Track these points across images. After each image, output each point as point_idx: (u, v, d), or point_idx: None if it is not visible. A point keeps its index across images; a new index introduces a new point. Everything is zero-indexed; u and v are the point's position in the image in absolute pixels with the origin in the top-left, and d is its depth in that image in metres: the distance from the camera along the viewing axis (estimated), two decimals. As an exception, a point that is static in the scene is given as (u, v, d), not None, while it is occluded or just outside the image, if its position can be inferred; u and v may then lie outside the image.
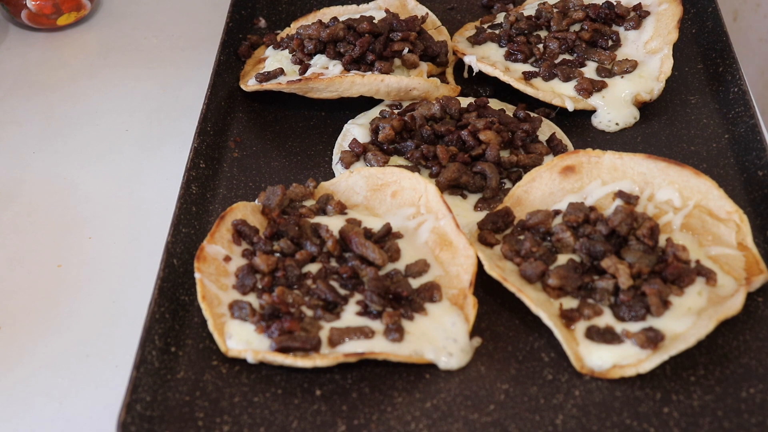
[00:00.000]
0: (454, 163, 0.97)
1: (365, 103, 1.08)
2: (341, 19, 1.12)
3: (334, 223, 0.91)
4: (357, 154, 1.00)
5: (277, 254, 0.88)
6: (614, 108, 1.06)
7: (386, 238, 0.90)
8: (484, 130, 0.99)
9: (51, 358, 0.88)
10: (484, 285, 0.87)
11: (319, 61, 1.09)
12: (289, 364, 0.80)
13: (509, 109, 1.07)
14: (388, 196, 0.95)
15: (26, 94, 1.21)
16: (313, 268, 0.87)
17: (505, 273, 0.86)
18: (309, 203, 0.95)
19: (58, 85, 1.22)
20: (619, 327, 0.82)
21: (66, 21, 1.30)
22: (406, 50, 1.09)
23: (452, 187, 0.96)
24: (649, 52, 1.11)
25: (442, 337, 0.82)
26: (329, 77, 1.05)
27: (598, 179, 0.94)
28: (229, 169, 1.03)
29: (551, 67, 1.09)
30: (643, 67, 1.09)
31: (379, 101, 1.08)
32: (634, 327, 0.82)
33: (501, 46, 1.14)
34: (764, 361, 0.82)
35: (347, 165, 1.00)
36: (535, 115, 1.05)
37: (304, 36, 1.10)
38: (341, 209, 0.93)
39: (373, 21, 1.10)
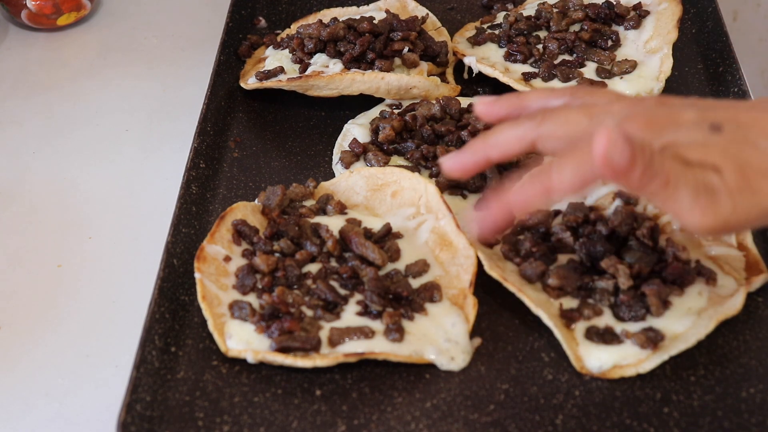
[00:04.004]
0: (454, 163, 0.97)
1: (365, 103, 1.08)
2: (341, 19, 1.13)
3: (334, 223, 0.91)
4: (357, 154, 1.01)
5: (277, 254, 0.88)
6: (614, 108, 1.06)
7: (386, 238, 0.90)
8: (484, 130, 0.99)
9: (51, 358, 0.88)
10: (484, 285, 0.87)
11: (319, 60, 1.09)
12: (289, 364, 0.80)
13: (509, 109, 1.07)
14: (388, 196, 0.95)
15: (26, 94, 1.21)
16: (313, 268, 0.87)
17: (505, 273, 0.86)
18: (309, 203, 0.95)
19: (58, 85, 1.22)
20: (618, 327, 0.82)
21: (66, 21, 1.30)
22: (406, 49, 1.09)
23: (452, 187, 0.96)
24: (649, 52, 1.11)
25: (442, 337, 0.82)
26: (330, 74, 1.05)
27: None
28: (229, 169, 1.03)
29: (551, 67, 1.09)
30: (642, 67, 1.09)
31: (379, 101, 1.09)
32: (634, 327, 0.82)
33: (501, 47, 1.14)
34: (764, 361, 0.82)
35: (347, 165, 1.00)
36: (535, 115, 1.05)
37: (305, 35, 1.10)
38: (341, 209, 0.93)
39: (374, 21, 1.10)
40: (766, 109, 0.74)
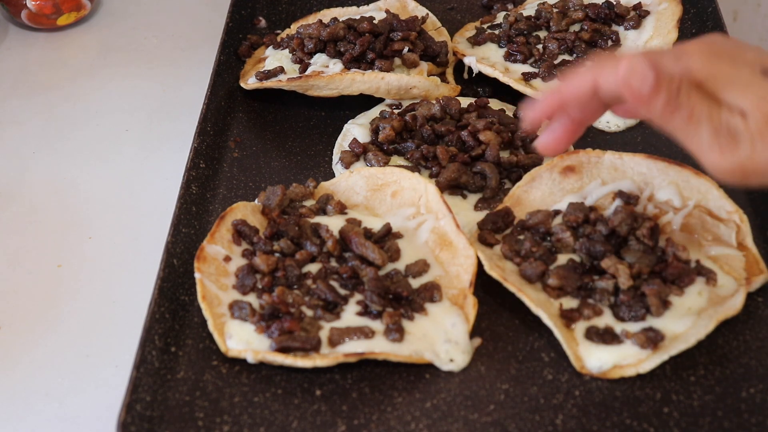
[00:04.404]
0: (454, 163, 0.97)
1: (365, 103, 1.08)
2: (341, 19, 1.13)
3: (334, 223, 0.91)
4: (357, 154, 1.01)
5: (277, 254, 0.88)
6: (614, 108, 1.06)
7: (386, 238, 0.90)
8: (484, 130, 0.99)
9: (51, 358, 0.88)
10: (484, 285, 0.87)
11: (319, 60, 1.09)
12: (289, 364, 0.80)
13: (509, 109, 1.07)
14: (388, 196, 0.95)
15: (26, 94, 1.21)
16: (313, 268, 0.87)
17: (505, 273, 0.86)
18: (309, 203, 0.95)
19: (58, 85, 1.22)
20: (618, 327, 0.82)
21: (66, 21, 1.30)
22: (406, 49, 1.09)
23: (452, 187, 0.96)
24: (649, 52, 1.11)
25: (442, 337, 0.82)
26: (330, 74, 1.05)
27: (598, 179, 0.94)
28: (229, 169, 1.03)
29: (550, 67, 1.09)
30: (643, 67, 1.09)
31: (379, 101, 1.09)
32: (634, 327, 0.82)
33: (501, 47, 1.14)
34: (764, 361, 0.82)
35: (347, 165, 1.00)
36: (535, 115, 1.05)
37: (305, 35, 1.10)
38: (341, 209, 0.93)
39: (374, 21, 1.10)
40: None
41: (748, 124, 0.70)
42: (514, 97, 1.08)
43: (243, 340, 0.82)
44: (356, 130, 1.04)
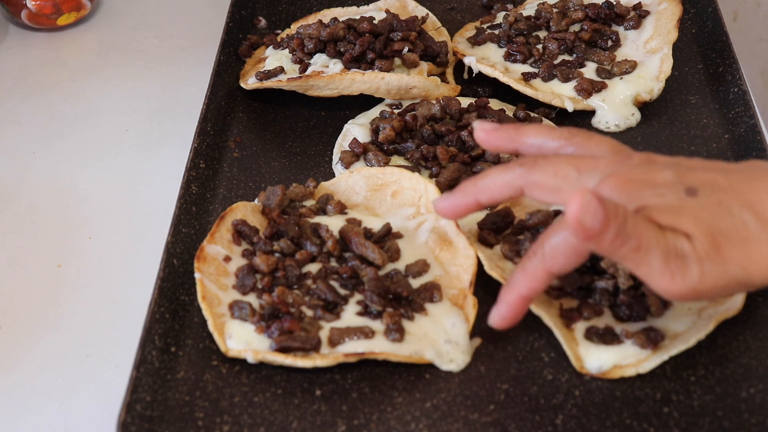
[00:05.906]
0: (454, 163, 0.97)
1: (365, 103, 1.08)
2: (341, 19, 1.13)
3: (334, 223, 0.91)
4: (357, 154, 1.01)
5: (277, 254, 0.88)
6: (614, 109, 1.06)
7: (386, 238, 0.90)
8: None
9: (51, 358, 0.88)
10: (484, 285, 0.87)
11: (319, 60, 1.09)
12: (289, 364, 0.80)
13: (509, 110, 1.07)
14: (388, 196, 0.95)
15: (26, 94, 1.21)
16: (313, 268, 0.87)
17: (505, 273, 0.86)
18: (309, 203, 0.95)
19: (58, 85, 1.22)
20: (618, 327, 0.82)
21: (66, 21, 1.30)
22: (406, 49, 1.09)
23: (452, 187, 0.96)
24: (649, 52, 1.11)
25: (442, 337, 0.82)
26: (330, 74, 1.05)
27: (598, 179, 0.94)
28: (229, 169, 1.03)
29: (550, 67, 1.09)
30: (642, 67, 1.09)
31: (379, 101, 1.09)
32: (634, 327, 0.82)
33: (500, 47, 1.14)
34: (764, 361, 0.82)
35: (347, 165, 1.00)
36: (535, 116, 1.05)
37: (305, 35, 1.10)
38: (341, 209, 0.93)
39: (374, 21, 1.10)
40: (746, 170, 0.74)
41: (694, 246, 0.69)
42: (514, 97, 1.08)
43: (243, 340, 0.82)
44: (356, 130, 1.04)
